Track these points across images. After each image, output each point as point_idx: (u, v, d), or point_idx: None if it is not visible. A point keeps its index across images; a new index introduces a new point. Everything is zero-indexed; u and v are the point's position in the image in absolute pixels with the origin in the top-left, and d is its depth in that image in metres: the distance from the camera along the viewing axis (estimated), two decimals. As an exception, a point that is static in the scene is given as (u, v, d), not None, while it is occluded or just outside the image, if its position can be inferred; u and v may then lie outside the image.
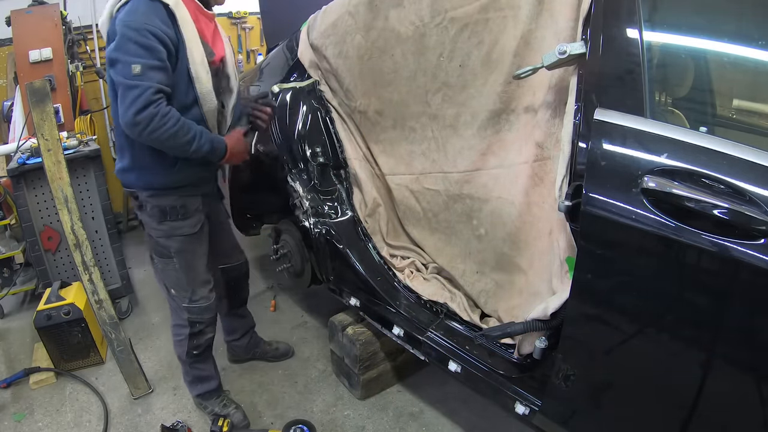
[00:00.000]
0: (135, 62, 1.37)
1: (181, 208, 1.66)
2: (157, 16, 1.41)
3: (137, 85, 1.36)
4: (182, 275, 1.77)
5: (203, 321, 1.87)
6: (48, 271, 2.77)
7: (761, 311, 0.94)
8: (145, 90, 1.37)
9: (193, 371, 2.02)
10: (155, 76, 1.39)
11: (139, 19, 1.38)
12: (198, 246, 1.78)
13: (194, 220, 1.72)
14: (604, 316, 1.18)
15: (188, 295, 1.82)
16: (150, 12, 1.41)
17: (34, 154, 2.61)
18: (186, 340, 1.90)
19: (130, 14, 1.41)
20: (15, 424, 2.13)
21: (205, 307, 1.85)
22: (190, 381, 2.07)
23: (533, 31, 1.48)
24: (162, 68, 1.42)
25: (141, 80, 1.36)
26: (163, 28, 1.42)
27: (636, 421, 1.20)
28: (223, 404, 2.06)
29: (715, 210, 0.95)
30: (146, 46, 1.38)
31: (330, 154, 2.14)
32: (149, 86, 1.37)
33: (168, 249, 1.72)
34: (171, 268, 1.76)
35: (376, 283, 1.96)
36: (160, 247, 1.73)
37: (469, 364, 1.61)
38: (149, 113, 1.38)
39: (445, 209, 1.90)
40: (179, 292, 1.81)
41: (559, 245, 1.30)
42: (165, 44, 1.42)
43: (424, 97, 1.84)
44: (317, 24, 2.10)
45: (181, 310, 1.85)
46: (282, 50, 2.41)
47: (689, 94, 1.30)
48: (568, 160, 1.24)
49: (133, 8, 1.42)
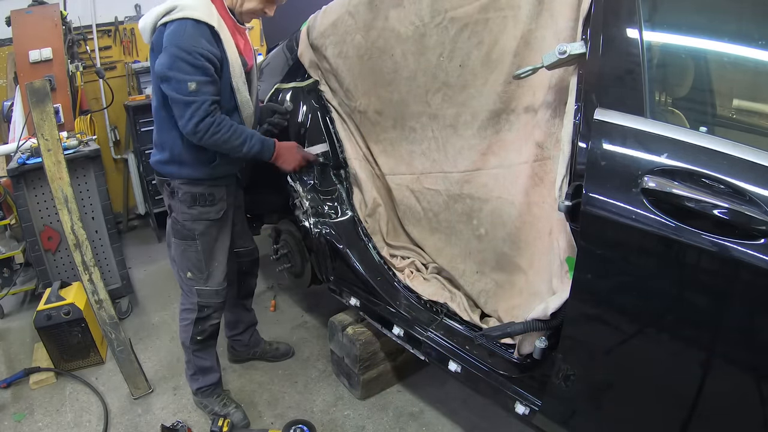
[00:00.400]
0: (190, 80, 1.57)
1: (209, 196, 1.84)
2: (203, 37, 1.59)
3: (194, 101, 1.59)
4: (202, 257, 1.90)
5: (212, 305, 1.96)
6: (48, 271, 2.77)
7: (761, 311, 0.94)
8: (202, 104, 1.59)
9: (195, 360, 2.04)
10: (209, 90, 1.61)
11: (188, 42, 1.56)
12: (219, 231, 1.92)
13: (219, 206, 1.88)
14: (604, 316, 1.18)
15: (204, 277, 1.93)
16: (197, 34, 1.58)
17: (34, 154, 2.61)
18: (191, 325, 1.96)
19: (180, 36, 1.57)
20: (15, 424, 2.13)
21: (215, 291, 1.95)
22: (191, 374, 2.08)
23: (533, 31, 1.48)
24: (213, 82, 1.63)
25: (197, 96, 1.59)
26: (210, 49, 1.60)
27: (636, 421, 1.20)
28: (223, 403, 2.07)
29: (715, 210, 0.95)
30: (198, 66, 1.57)
31: (330, 154, 2.14)
32: (205, 99, 1.60)
33: (193, 231, 1.87)
34: (193, 249, 1.89)
35: (376, 283, 1.96)
36: (185, 230, 1.88)
37: (469, 364, 1.61)
38: (207, 123, 1.62)
39: (445, 209, 1.90)
40: (195, 274, 1.92)
41: (559, 245, 1.30)
42: (212, 62, 1.61)
43: (424, 96, 1.84)
44: (317, 24, 2.10)
45: (192, 294, 1.94)
46: (282, 50, 2.40)
47: (689, 94, 1.30)
48: (568, 160, 1.24)
49: (181, 30, 1.57)
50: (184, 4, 1.59)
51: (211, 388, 2.09)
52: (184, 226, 1.87)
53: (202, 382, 2.08)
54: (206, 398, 2.09)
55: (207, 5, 1.64)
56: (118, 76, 3.90)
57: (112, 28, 3.90)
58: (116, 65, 3.95)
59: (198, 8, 1.60)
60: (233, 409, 2.06)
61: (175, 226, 1.90)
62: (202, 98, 1.59)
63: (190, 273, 1.92)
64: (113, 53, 3.95)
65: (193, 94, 1.58)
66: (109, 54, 3.94)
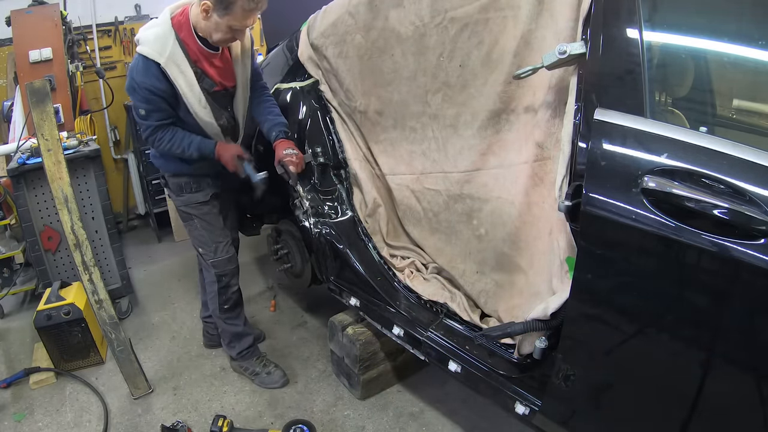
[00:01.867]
0: (140, 107, 1.84)
1: (194, 184, 2.09)
2: (150, 73, 1.78)
3: (143, 123, 1.90)
4: (204, 233, 2.15)
5: (227, 272, 2.18)
6: (48, 271, 2.77)
7: (761, 311, 0.94)
8: (148, 127, 1.89)
9: (228, 328, 2.27)
10: (154, 116, 1.87)
11: (137, 77, 1.79)
12: (211, 209, 2.14)
13: (205, 192, 2.11)
14: (604, 316, 1.18)
15: (213, 249, 2.15)
16: (144, 70, 1.78)
17: (34, 154, 2.61)
18: (216, 296, 2.20)
19: (133, 71, 1.81)
20: (15, 424, 2.13)
21: (227, 259, 2.18)
22: (228, 343, 2.31)
23: (533, 31, 1.48)
24: (159, 110, 1.86)
25: (145, 120, 1.87)
26: (156, 85, 1.79)
27: (636, 421, 1.20)
28: (263, 364, 2.31)
29: (715, 210, 0.95)
30: (145, 99, 1.82)
31: (330, 154, 2.14)
32: (150, 125, 1.88)
33: (189, 215, 2.14)
34: (194, 228, 2.15)
35: (376, 283, 1.96)
36: (183, 213, 2.15)
37: (469, 364, 1.61)
38: (152, 138, 1.92)
39: (445, 209, 1.90)
40: (205, 249, 2.16)
41: (559, 245, 1.30)
42: (157, 95, 1.82)
43: (424, 97, 1.84)
44: (317, 24, 2.10)
45: (209, 267, 2.19)
46: (282, 50, 2.41)
47: (689, 94, 1.30)
48: (568, 160, 1.24)
49: (135, 66, 1.81)
50: (143, 38, 1.80)
51: (249, 351, 2.31)
52: (181, 211, 2.15)
53: (239, 347, 2.29)
54: (245, 361, 2.31)
55: (163, 39, 1.79)
56: (118, 76, 3.90)
57: (112, 28, 3.90)
58: (116, 65, 3.94)
59: (151, 43, 1.78)
60: (273, 368, 2.29)
61: (178, 211, 2.18)
62: (149, 122, 1.87)
63: (201, 248, 2.17)
64: (113, 53, 3.95)
65: (142, 117, 1.87)
66: (109, 54, 3.93)
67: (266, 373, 2.28)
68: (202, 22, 1.78)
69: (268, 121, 2.08)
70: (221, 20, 1.73)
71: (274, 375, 2.27)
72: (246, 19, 1.74)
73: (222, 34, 1.78)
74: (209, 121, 1.94)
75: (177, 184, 2.10)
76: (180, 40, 1.81)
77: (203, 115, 1.91)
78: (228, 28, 1.76)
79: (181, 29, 1.82)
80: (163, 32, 1.79)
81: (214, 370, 2.40)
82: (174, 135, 1.92)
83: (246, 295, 2.80)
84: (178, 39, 1.80)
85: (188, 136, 1.94)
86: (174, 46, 1.79)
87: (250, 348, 2.31)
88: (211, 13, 1.72)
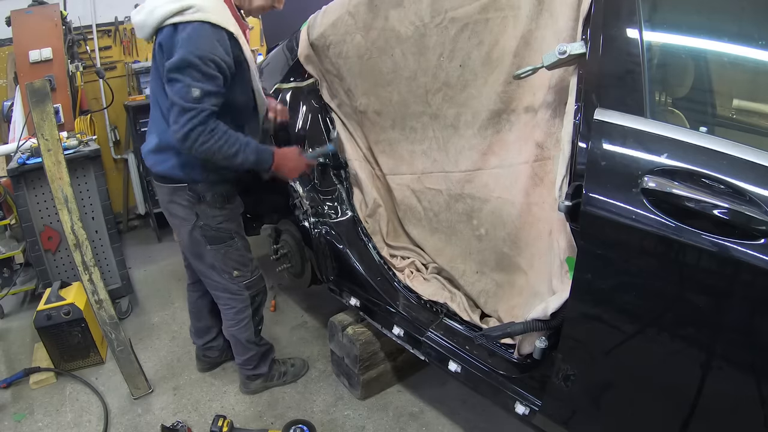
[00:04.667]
0: (196, 86, 1.49)
1: (232, 191, 1.87)
2: (221, 43, 1.52)
3: (194, 108, 1.50)
4: (244, 252, 1.94)
5: (261, 290, 2.05)
6: (48, 271, 2.77)
7: (761, 311, 0.94)
8: (200, 112, 1.51)
9: (260, 349, 2.14)
10: (211, 100, 1.53)
11: (204, 47, 1.49)
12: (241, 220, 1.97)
13: (239, 200, 1.93)
14: (604, 316, 1.18)
15: (250, 269, 1.97)
16: (214, 40, 1.51)
17: (34, 154, 2.61)
18: (250, 321, 2.02)
19: (196, 41, 1.49)
20: (15, 424, 2.13)
21: (260, 276, 2.04)
22: (257, 363, 2.15)
23: (533, 31, 1.48)
24: (218, 93, 1.55)
25: (199, 103, 1.50)
26: (225, 58, 1.53)
27: (636, 421, 1.20)
28: (282, 362, 2.28)
29: (715, 210, 0.95)
30: (208, 75, 1.50)
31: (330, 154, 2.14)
32: (204, 109, 1.51)
33: (230, 231, 1.86)
34: (234, 248, 1.89)
35: (376, 283, 1.96)
36: (221, 232, 1.84)
37: (469, 364, 1.61)
38: (199, 131, 1.53)
39: (446, 209, 1.90)
40: (243, 271, 1.93)
41: (559, 245, 1.30)
42: (224, 72, 1.54)
43: (424, 97, 1.84)
44: (317, 24, 2.10)
45: (242, 290, 1.96)
46: (282, 50, 2.40)
47: (689, 94, 1.30)
48: (568, 160, 1.24)
49: (198, 34, 1.49)
50: (201, 5, 1.50)
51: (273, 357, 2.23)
52: (219, 230, 1.82)
53: (268, 360, 2.19)
54: (272, 370, 2.22)
55: (223, 7, 1.58)
56: (118, 76, 3.90)
57: (112, 28, 3.90)
58: (116, 65, 3.94)
59: (216, 10, 1.53)
60: (292, 360, 2.30)
61: (208, 233, 1.81)
62: (202, 107, 1.51)
63: (237, 272, 1.92)
64: (113, 53, 3.95)
65: (195, 101, 1.50)
66: (109, 54, 3.93)
67: (291, 365, 2.27)
68: None
69: None
70: None
71: (297, 364, 2.30)
72: None
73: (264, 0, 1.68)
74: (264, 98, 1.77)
75: (220, 195, 1.78)
76: None
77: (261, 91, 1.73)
78: None
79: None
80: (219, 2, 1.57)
81: (214, 370, 2.40)
82: (227, 129, 1.58)
83: (246, 295, 2.81)
84: None
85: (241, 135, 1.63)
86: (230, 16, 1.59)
87: (273, 353, 2.24)
88: None
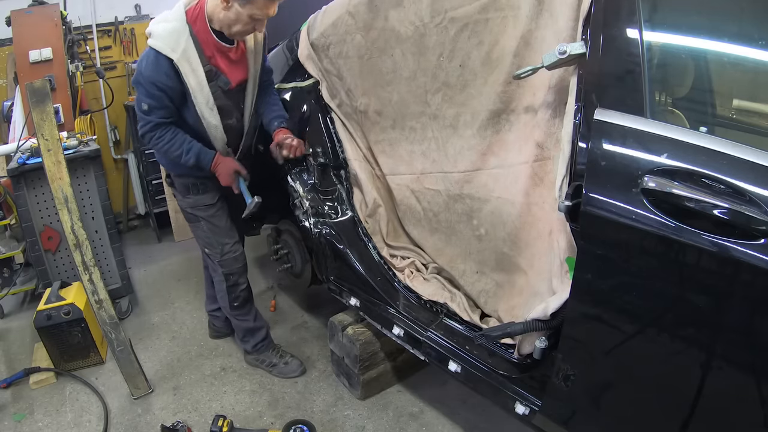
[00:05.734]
0: (144, 101, 1.78)
1: (200, 186, 2.06)
2: (161, 69, 1.72)
3: (143, 118, 1.84)
4: (210, 234, 2.13)
5: (234, 271, 2.18)
6: (48, 271, 2.77)
7: (761, 311, 0.94)
8: (148, 122, 1.84)
9: (240, 324, 2.30)
10: (157, 113, 1.81)
11: (147, 71, 1.73)
12: (217, 211, 2.13)
13: (212, 194, 2.09)
14: (604, 316, 1.18)
15: (219, 251, 2.15)
16: (155, 66, 1.72)
17: (34, 154, 2.61)
18: (226, 294, 2.22)
19: (142, 64, 1.75)
20: (15, 424, 2.13)
21: (233, 258, 2.17)
22: (242, 338, 2.34)
23: (533, 31, 1.48)
24: (163, 107, 1.80)
25: (147, 114, 1.82)
26: (165, 81, 1.74)
27: (636, 421, 1.20)
28: (279, 354, 2.34)
29: (715, 210, 0.95)
30: (151, 94, 1.76)
31: (330, 154, 2.14)
32: (151, 120, 1.83)
33: (196, 216, 2.12)
34: (200, 229, 2.14)
35: (376, 283, 1.96)
36: (189, 215, 2.14)
37: (469, 364, 1.61)
38: (151, 135, 1.87)
39: (445, 209, 1.90)
40: (211, 250, 2.16)
41: (559, 245, 1.30)
42: (166, 92, 1.77)
43: (424, 97, 1.84)
44: (317, 24, 2.10)
45: (216, 266, 2.18)
46: (282, 50, 2.40)
47: (689, 94, 1.30)
48: (568, 160, 1.24)
49: (145, 59, 1.75)
50: (156, 32, 1.72)
51: (263, 344, 2.33)
52: (186, 212, 2.13)
53: (253, 341, 2.31)
54: (262, 354, 2.33)
55: (177, 34, 1.72)
56: (118, 76, 3.90)
57: (112, 28, 3.90)
58: (116, 65, 3.94)
59: (164, 37, 1.71)
60: (290, 358, 2.33)
61: (183, 212, 2.16)
62: (150, 118, 1.82)
63: (207, 249, 2.17)
64: (113, 53, 3.95)
65: (145, 113, 1.81)
66: (109, 54, 3.93)
67: (284, 363, 2.31)
68: (220, 13, 1.71)
69: (271, 113, 2.09)
70: (242, 10, 1.67)
71: (291, 364, 2.31)
72: (268, 8, 1.69)
73: (242, 26, 1.72)
74: (215, 123, 1.90)
75: (184, 185, 2.06)
76: (194, 36, 1.74)
77: (209, 117, 1.87)
78: (249, 18, 1.70)
79: (196, 23, 1.75)
80: (176, 27, 1.72)
81: (214, 370, 2.40)
82: (175, 136, 1.87)
83: (246, 295, 2.81)
84: (192, 34, 1.73)
85: (189, 141, 1.89)
86: (188, 43, 1.72)
87: (264, 341, 2.34)
88: (231, 3, 1.66)
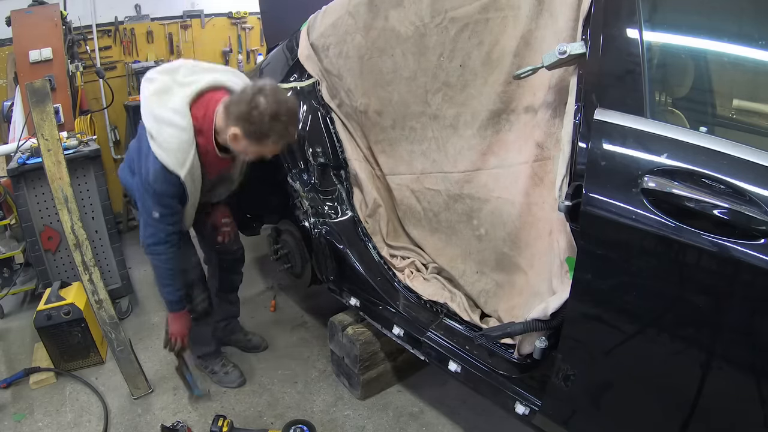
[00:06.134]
0: (156, 210, 1.76)
1: None
2: (170, 182, 1.71)
3: (154, 226, 1.80)
4: None
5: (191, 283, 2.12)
6: (48, 271, 2.77)
7: (761, 311, 0.94)
8: (159, 231, 1.81)
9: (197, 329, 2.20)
10: (169, 219, 1.80)
11: (157, 187, 1.71)
12: None
13: None
14: (604, 316, 1.18)
15: None
16: (165, 181, 1.70)
17: (34, 154, 2.61)
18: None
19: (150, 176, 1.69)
20: (15, 424, 2.13)
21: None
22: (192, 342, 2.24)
23: (533, 31, 1.48)
24: (174, 212, 1.80)
25: (159, 223, 1.79)
26: (176, 192, 1.75)
27: (636, 422, 1.20)
28: (222, 363, 2.32)
29: (715, 210, 0.95)
30: (164, 204, 1.76)
31: (330, 154, 2.14)
32: (163, 228, 1.81)
33: None
34: None
35: (376, 283, 1.96)
36: None
37: (469, 364, 1.61)
38: (155, 249, 1.84)
39: (445, 209, 1.90)
40: None
41: (559, 245, 1.30)
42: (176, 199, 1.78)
43: (424, 97, 1.84)
44: (317, 24, 2.10)
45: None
46: (282, 50, 2.40)
47: (689, 94, 1.30)
48: (568, 160, 1.24)
49: (153, 171, 1.68)
50: (163, 143, 1.65)
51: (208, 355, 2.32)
52: None
53: (199, 351, 2.31)
54: (206, 361, 2.32)
55: (186, 149, 1.67)
56: (118, 76, 3.91)
57: (112, 28, 3.90)
58: (116, 65, 3.95)
59: (173, 152, 1.66)
60: (231, 368, 2.30)
61: None
62: (162, 226, 1.80)
63: None
64: (113, 53, 3.95)
65: (156, 220, 1.78)
66: (109, 54, 3.94)
67: (224, 372, 2.28)
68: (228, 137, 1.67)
69: None
70: (251, 147, 1.66)
71: (231, 375, 2.28)
72: (276, 146, 1.67)
73: (249, 156, 1.74)
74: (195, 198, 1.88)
75: None
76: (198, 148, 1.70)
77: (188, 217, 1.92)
78: (257, 153, 1.70)
79: (201, 133, 1.70)
80: (183, 140, 1.67)
81: (214, 370, 2.40)
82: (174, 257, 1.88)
83: (246, 295, 2.81)
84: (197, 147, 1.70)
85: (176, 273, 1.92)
86: (194, 158, 1.70)
87: (212, 353, 2.31)
88: (240, 140, 1.63)
